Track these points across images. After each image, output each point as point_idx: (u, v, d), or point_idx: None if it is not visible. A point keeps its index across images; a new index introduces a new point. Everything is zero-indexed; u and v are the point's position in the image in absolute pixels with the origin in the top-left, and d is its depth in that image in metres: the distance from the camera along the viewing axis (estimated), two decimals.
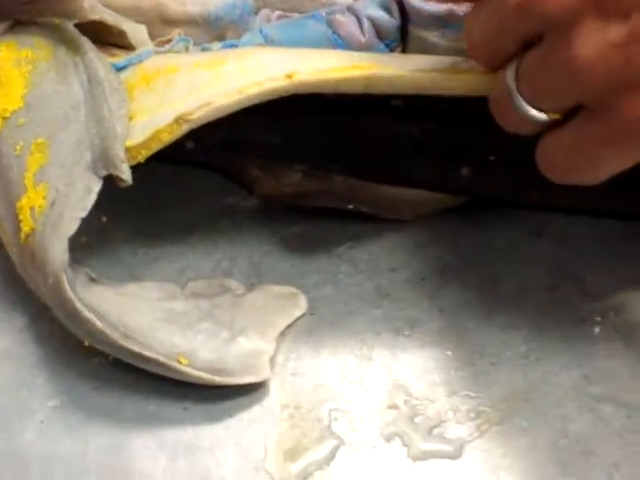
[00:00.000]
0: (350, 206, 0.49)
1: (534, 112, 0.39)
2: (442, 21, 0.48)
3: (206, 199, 0.52)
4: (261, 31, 0.50)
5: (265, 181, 0.50)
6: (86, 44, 0.48)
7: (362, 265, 0.49)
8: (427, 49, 0.49)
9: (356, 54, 0.46)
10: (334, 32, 0.49)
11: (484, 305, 0.47)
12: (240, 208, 0.52)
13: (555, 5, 0.36)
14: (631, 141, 0.38)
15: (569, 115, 0.39)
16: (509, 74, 0.39)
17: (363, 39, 0.49)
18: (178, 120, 0.44)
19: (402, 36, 0.50)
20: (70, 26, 0.48)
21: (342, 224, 0.51)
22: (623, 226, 0.49)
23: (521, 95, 0.39)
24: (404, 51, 0.50)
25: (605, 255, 0.49)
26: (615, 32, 0.35)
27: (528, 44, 0.38)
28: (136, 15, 0.51)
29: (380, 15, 0.49)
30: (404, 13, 0.49)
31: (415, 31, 0.49)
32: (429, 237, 0.50)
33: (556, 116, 0.39)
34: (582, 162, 0.39)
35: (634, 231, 0.49)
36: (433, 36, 0.48)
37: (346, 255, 0.50)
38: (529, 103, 0.39)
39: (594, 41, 0.35)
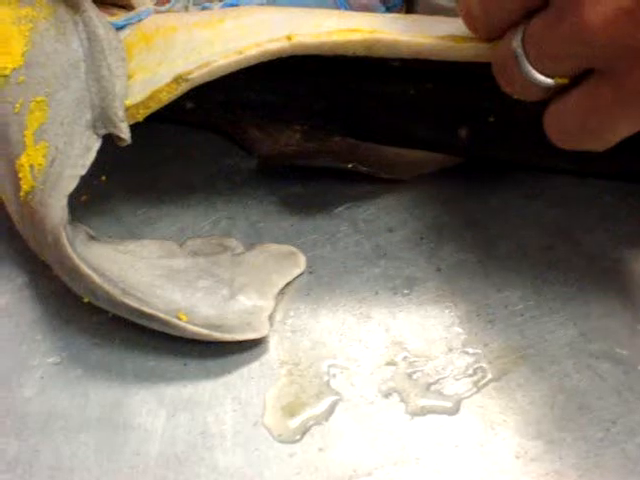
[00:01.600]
0: (349, 165, 0.49)
1: (542, 77, 0.39)
2: None
3: (206, 160, 0.53)
4: None
5: (264, 141, 0.50)
6: (85, 2, 0.48)
7: (361, 225, 0.49)
8: (435, 12, 0.49)
9: (357, 15, 0.46)
10: None
11: (481, 265, 0.47)
12: (239, 169, 0.52)
13: None
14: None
15: (576, 80, 0.39)
16: (515, 39, 0.39)
17: (365, 0, 0.49)
18: (177, 79, 0.44)
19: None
20: None
21: (341, 185, 0.51)
22: (618, 187, 0.50)
23: (528, 60, 0.39)
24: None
25: (600, 215, 0.49)
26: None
27: (530, 12, 0.38)
28: None
29: None
30: None
31: None
32: (427, 197, 0.50)
33: (563, 81, 0.39)
34: (593, 126, 0.39)
35: (628, 192, 0.50)
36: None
37: (345, 215, 0.50)
38: (536, 68, 0.39)
39: (604, 7, 0.35)
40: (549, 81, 0.39)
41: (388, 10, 0.50)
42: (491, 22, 0.40)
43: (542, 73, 0.39)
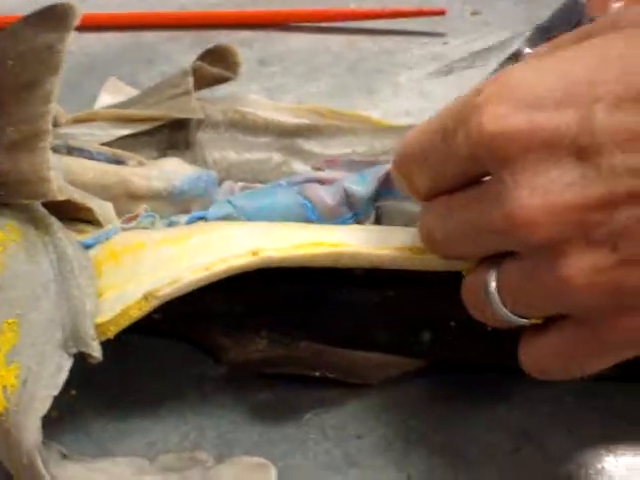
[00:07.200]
0: (317, 373, 0.50)
1: (515, 317, 0.39)
2: None
3: (173, 369, 0.53)
4: (230, 202, 0.51)
5: (231, 349, 0.51)
6: (54, 224, 0.49)
7: (330, 432, 0.50)
8: (402, 215, 0.50)
9: (323, 228, 0.48)
10: (304, 197, 0.50)
11: (450, 470, 0.48)
12: (207, 377, 0.53)
13: (543, 234, 0.35)
14: (621, 351, 0.39)
15: (550, 318, 0.39)
16: (489, 279, 0.39)
17: (332, 203, 0.50)
18: (147, 296, 0.45)
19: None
20: (38, 206, 0.49)
21: (309, 389, 0.52)
22: (583, 388, 0.50)
23: (501, 302, 0.39)
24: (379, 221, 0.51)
25: (563, 417, 0.49)
26: (604, 260, 0.35)
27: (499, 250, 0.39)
28: (102, 192, 0.52)
29: (356, 189, 0.50)
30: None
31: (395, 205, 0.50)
32: (394, 402, 0.51)
33: (537, 321, 0.40)
34: (570, 366, 0.40)
35: (589, 392, 0.50)
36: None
37: (314, 421, 0.50)
38: (510, 310, 0.39)
39: (582, 266, 0.35)
40: (523, 321, 0.40)
41: (355, 216, 0.51)
42: (454, 252, 0.42)
43: (516, 315, 0.39)
